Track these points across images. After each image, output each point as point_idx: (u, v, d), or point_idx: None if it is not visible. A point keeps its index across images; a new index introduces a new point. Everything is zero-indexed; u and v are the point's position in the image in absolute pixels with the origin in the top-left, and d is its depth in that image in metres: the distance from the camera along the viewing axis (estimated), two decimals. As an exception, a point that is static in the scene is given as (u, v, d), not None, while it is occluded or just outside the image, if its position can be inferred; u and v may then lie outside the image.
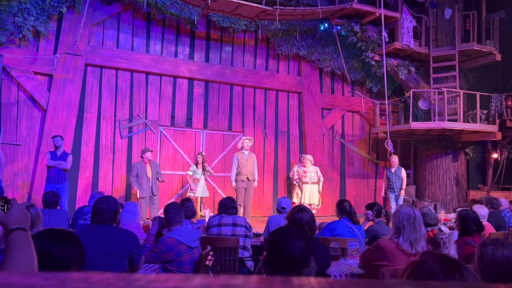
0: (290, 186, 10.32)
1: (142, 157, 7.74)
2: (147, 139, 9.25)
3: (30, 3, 7.80)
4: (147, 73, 9.31)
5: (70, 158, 7.23)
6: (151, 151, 7.87)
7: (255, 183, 8.24)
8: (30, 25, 7.84)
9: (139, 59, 9.16)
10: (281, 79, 10.58)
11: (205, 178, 8.41)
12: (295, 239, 1.75)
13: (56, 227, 4.19)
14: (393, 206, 8.43)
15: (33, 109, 8.31)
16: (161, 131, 9.42)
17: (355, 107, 11.29)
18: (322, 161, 10.60)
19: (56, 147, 7.12)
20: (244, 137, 8.48)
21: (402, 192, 8.58)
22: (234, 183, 8.04)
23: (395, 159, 8.75)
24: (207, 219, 5.40)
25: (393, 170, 8.65)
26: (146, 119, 9.22)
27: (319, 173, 8.89)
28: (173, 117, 9.53)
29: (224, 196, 9.14)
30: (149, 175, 7.62)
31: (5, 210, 1.24)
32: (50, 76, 8.36)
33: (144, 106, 9.26)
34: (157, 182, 7.78)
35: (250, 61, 10.36)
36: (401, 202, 8.51)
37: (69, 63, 8.44)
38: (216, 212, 4.73)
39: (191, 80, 9.73)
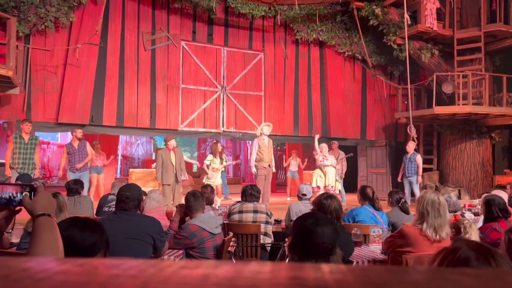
0: (311, 108, 10.39)
1: (165, 145, 7.80)
2: (169, 53, 9.37)
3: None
4: None
5: (89, 146, 7.58)
6: (175, 138, 7.91)
7: (273, 169, 8.18)
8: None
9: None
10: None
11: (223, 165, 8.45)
12: (323, 226, 1.74)
13: (81, 214, 4.30)
14: (406, 193, 8.34)
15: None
16: (183, 46, 9.52)
17: None
18: (344, 85, 10.52)
19: (79, 139, 7.28)
20: (263, 123, 8.35)
21: (419, 178, 8.48)
22: (254, 169, 7.90)
23: (411, 145, 8.70)
24: (217, 206, 5.46)
25: (408, 155, 8.63)
26: (168, 32, 9.32)
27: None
28: (194, 32, 9.60)
29: (245, 113, 9.37)
30: (174, 162, 7.69)
31: (32, 198, 1.28)
32: None
33: (166, 20, 9.34)
34: (181, 170, 7.82)
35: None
36: (416, 189, 8.41)
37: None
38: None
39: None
